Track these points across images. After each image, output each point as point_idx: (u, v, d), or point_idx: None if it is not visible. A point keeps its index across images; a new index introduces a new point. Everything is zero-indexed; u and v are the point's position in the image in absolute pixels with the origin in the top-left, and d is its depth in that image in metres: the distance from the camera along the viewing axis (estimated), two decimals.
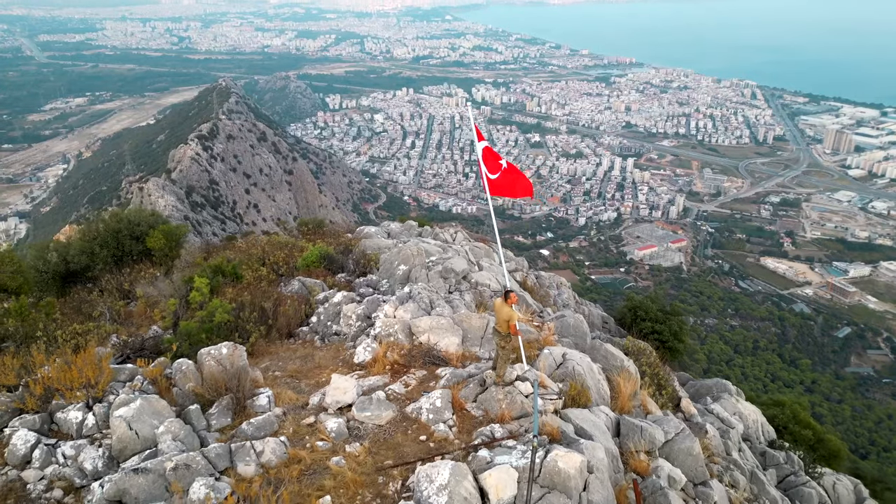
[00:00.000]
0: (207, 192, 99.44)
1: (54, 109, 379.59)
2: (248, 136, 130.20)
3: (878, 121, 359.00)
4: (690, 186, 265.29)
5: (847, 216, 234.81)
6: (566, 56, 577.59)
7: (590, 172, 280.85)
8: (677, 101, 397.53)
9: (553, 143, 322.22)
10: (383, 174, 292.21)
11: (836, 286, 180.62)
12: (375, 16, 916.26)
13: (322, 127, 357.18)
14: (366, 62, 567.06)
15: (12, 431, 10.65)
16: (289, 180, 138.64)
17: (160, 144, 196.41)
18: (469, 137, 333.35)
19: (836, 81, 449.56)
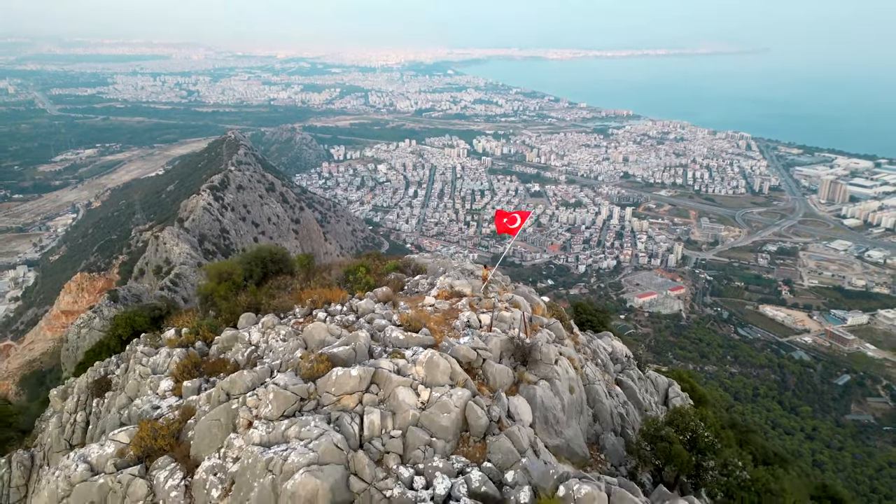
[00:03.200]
0: (218, 240, 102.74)
1: (65, 160, 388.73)
2: (258, 187, 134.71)
3: (872, 172, 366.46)
4: (688, 235, 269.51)
5: (844, 265, 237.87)
6: (565, 109, 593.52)
7: (589, 221, 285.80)
8: (674, 152, 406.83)
9: (553, 193, 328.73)
10: (386, 222, 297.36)
11: (835, 334, 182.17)
12: (379, 70, 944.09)
13: (327, 177, 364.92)
14: (370, 115, 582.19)
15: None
16: (296, 229, 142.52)
17: (169, 194, 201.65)
18: (470, 187, 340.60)
19: (829, 133, 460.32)
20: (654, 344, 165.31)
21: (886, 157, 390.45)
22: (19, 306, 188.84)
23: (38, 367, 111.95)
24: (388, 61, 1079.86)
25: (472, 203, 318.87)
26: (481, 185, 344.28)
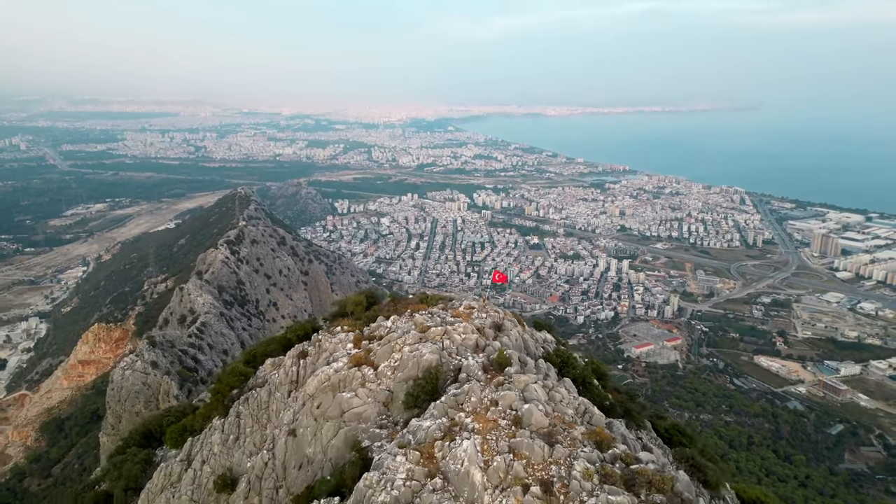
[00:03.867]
0: (235, 291, 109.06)
1: (75, 215, 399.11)
2: (270, 241, 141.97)
3: (864, 225, 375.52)
4: (684, 287, 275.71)
5: (837, 316, 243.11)
6: (562, 164, 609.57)
7: (587, 273, 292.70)
8: (670, 206, 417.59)
9: (551, 245, 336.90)
10: (389, 274, 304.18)
11: (829, 384, 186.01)
12: (382, 126, 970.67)
13: (331, 230, 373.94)
14: (373, 169, 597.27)
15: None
16: (305, 280, 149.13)
17: (181, 248, 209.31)
18: (470, 239, 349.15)
19: (821, 188, 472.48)
20: (651, 393, 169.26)
21: (877, 210, 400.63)
22: (32, 357, 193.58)
23: (56, 414, 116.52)
24: (391, 118, 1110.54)
25: (473, 255, 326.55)
26: (481, 238, 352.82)
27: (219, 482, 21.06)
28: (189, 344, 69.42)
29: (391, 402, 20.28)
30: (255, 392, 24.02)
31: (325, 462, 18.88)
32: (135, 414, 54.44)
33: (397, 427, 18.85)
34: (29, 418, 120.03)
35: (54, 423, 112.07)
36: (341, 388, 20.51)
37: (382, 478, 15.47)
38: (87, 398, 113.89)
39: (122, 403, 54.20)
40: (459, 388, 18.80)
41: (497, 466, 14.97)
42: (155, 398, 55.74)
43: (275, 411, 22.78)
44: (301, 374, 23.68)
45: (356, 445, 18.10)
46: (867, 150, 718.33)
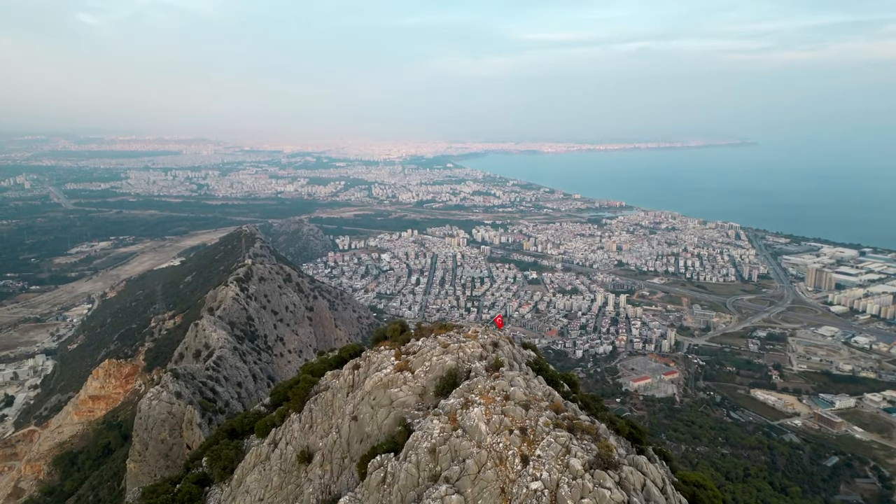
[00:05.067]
0: (245, 327, 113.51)
1: (80, 252, 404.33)
2: (276, 278, 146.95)
3: (857, 260, 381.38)
4: (681, 321, 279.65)
5: (831, 350, 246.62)
6: (560, 200, 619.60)
7: (585, 308, 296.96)
8: (666, 241, 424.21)
9: (549, 280, 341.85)
10: (390, 309, 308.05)
11: (824, 417, 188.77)
12: (382, 164, 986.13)
13: (332, 266, 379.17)
14: (373, 206, 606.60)
15: None
16: (310, 316, 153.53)
17: (188, 285, 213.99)
18: (470, 275, 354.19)
19: (815, 223, 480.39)
20: (649, 426, 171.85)
21: (870, 245, 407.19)
22: (39, 394, 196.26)
23: (69, 448, 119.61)
24: (391, 155, 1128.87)
25: (473, 290, 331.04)
26: (481, 273, 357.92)
27: (301, 456, 29.69)
28: (207, 376, 73.65)
29: (424, 394, 28.62)
30: (321, 394, 30.77)
31: (380, 436, 27.31)
32: (160, 441, 58.50)
33: (429, 409, 27.29)
34: (41, 453, 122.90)
35: (67, 457, 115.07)
36: (390, 386, 28.80)
37: (424, 434, 23.58)
38: (99, 432, 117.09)
39: (148, 431, 58.25)
40: (470, 381, 27.14)
41: (494, 421, 23.50)
42: (179, 426, 59.80)
43: (337, 406, 30.94)
44: (356, 380, 30.23)
45: (402, 422, 26.50)
46: (860, 185, 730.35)
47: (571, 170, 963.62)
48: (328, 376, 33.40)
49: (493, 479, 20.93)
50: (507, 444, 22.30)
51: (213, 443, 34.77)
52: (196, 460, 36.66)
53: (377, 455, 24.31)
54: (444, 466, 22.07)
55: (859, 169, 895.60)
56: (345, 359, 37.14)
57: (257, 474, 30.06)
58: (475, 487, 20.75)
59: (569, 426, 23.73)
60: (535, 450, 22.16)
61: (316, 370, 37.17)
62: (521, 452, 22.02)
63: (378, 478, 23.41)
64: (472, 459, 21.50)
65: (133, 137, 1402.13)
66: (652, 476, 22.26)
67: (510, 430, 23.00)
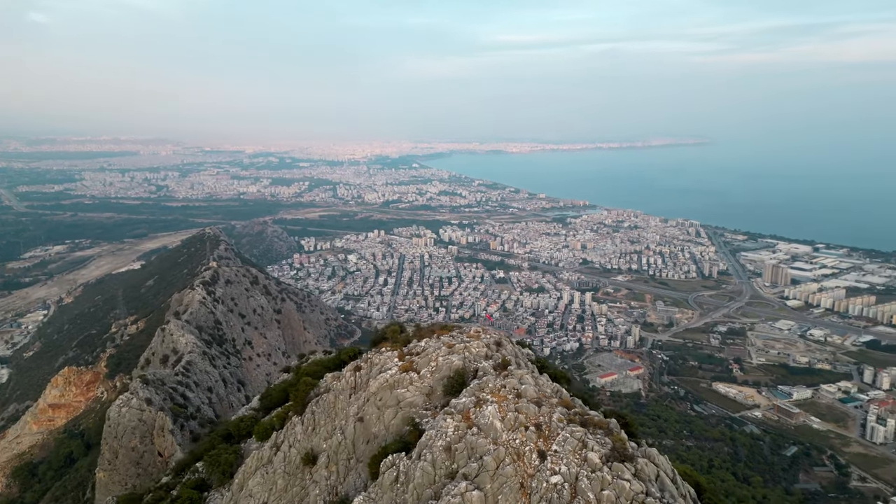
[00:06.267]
0: (213, 331, 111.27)
1: (34, 257, 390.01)
2: (243, 281, 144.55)
3: (812, 256, 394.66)
4: (645, 318, 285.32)
5: (788, 343, 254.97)
6: (525, 199, 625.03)
7: (552, 305, 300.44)
8: (629, 239, 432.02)
9: (517, 279, 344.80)
10: (357, 310, 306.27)
11: (782, 408, 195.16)
12: (347, 164, 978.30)
13: (298, 268, 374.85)
14: (338, 206, 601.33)
15: None
16: (278, 319, 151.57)
17: (149, 289, 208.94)
18: (438, 274, 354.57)
19: (771, 220, 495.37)
20: None
21: (823, 242, 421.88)
22: None
23: (28, 459, 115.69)
24: (355, 155, 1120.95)
25: (441, 290, 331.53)
26: (449, 273, 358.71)
27: (306, 458, 29.66)
28: (177, 382, 72.16)
29: (432, 394, 29.02)
30: (323, 396, 30.82)
31: (387, 436, 27.52)
32: (131, 449, 57.08)
33: (437, 408, 27.75)
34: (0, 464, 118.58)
35: (27, 468, 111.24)
36: (396, 387, 29.12)
37: (438, 432, 23.91)
38: (61, 441, 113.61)
39: (118, 439, 56.78)
40: (480, 380, 27.56)
41: (509, 418, 24.06)
42: (150, 433, 58.47)
43: (340, 408, 31.11)
44: (358, 382, 30.57)
45: (411, 422, 26.91)
46: (814, 183, 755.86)
47: (536, 169, 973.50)
48: (328, 378, 33.39)
49: (513, 474, 21.39)
50: (524, 441, 22.98)
51: (209, 448, 34.26)
52: (187, 466, 36.08)
53: (389, 455, 24.66)
54: (461, 464, 22.51)
55: (813, 168, 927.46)
56: (344, 361, 37.18)
57: (260, 478, 29.90)
58: (494, 483, 21.18)
59: (581, 421, 24.53)
60: (551, 445, 22.91)
61: (312, 373, 37.04)
62: (537, 448, 22.75)
63: (391, 477, 23.66)
64: (489, 456, 21.95)
65: (88, 138, 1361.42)
66: (663, 467, 23.07)
67: (525, 426, 23.75)
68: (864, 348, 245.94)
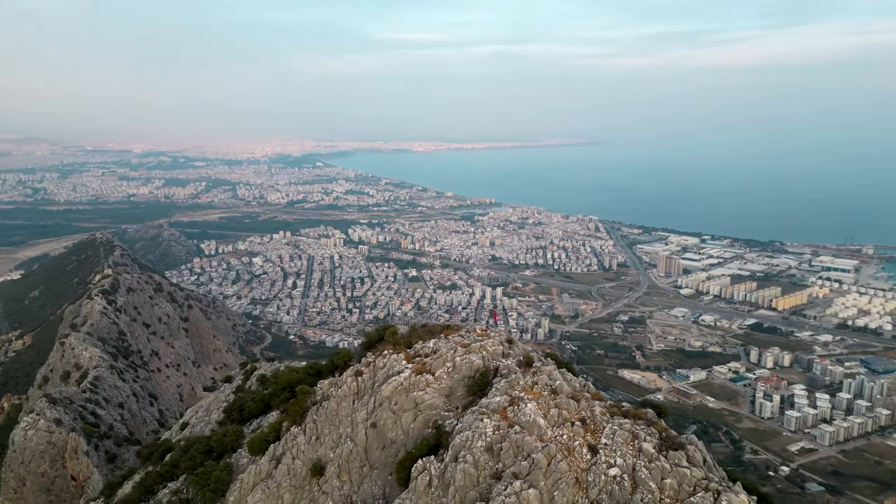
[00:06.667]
0: (118, 342, 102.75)
1: None
2: (146, 288, 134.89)
3: (699, 247, 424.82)
4: (553, 310, 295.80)
5: (683, 329, 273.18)
6: (433, 198, 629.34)
7: (465, 302, 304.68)
8: (534, 235, 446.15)
9: (429, 277, 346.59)
10: (266, 315, 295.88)
11: (681, 390, 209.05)
12: (246, 163, 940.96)
13: (199, 273, 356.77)
14: (240, 208, 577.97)
15: None
16: (185, 327, 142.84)
17: (34, 301, 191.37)
18: (349, 275, 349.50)
19: (662, 214, 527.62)
20: None
21: (709, 233, 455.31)
22: None
23: None
24: (254, 154, 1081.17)
25: (353, 291, 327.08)
26: (360, 273, 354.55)
27: (313, 469, 28.02)
28: (86, 399, 66.10)
29: (451, 395, 28.18)
30: (323, 404, 29.03)
31: (407, 440, 26.50)
32: (40, 475, 51.57)
33: (458, 409, 27.04)
34: None
35: None
36: (412, 390, 28.06)
37: (475, 433, 23.32)
38: None
39: (26, 465, 51.10)
40: (508, 378, 27.10)
41: (552, 415, 24.02)
42: (61, 456, 53.18)
43: (344, 415, 29.39)
44: (361, 387, 29.03)
45: (434, 424, 26.14)
46: (695, 179, 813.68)
47: (441, 168, 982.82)
48: (325, 385, 31.59)
49: (566, 470, 21.20)
50: (572, 436, 22.90)
51: (193, 465, 31.29)
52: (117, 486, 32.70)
53: (418, 459, 23.96)
54: (508, 463, 22.06)
55: (693, 164, 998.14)
56: (338, 366, 35.34)
57: (261, 493, 27.70)
58: (548, 480, 20.94)
59: (623, 413, 24.74)
60: (599, 438, 22.93)
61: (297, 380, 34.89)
62: (586, 442, 22.73)
63: (424, 481, 22.90)
64: (540, 453, 21.70)
65: None
66: (704, 452, 23.85)
67: (571, 421, 23.69)
68: (749, 331, 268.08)
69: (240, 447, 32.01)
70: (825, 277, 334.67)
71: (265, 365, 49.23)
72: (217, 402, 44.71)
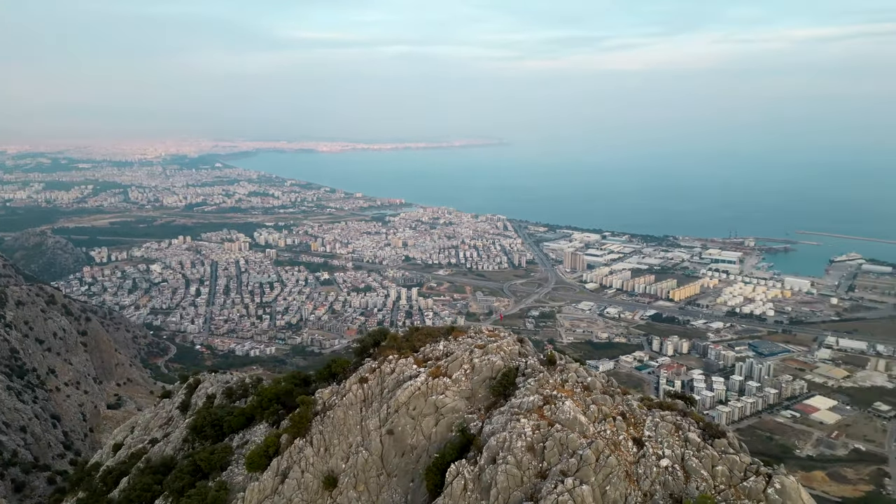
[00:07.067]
0: (10, 361, 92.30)
1: None
2: (37, 301, 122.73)
3: (601, 243, 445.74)
4: (467, 308, 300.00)
5: (590, 322, 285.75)
6: (342, 199, 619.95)
7: (380, 304, 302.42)
8: (445, 235, 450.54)
9: (342, 280, 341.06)
10: (169, 325, 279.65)
11: None
12: (137, 165, 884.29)
13: (90, 282, 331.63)
14: (132, 212, 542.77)
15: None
16: (84, 342, 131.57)
17: None
18: (257, 280, 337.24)
19: (565, 213, 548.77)
20: None
21: (609, 230, 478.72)
22: None
23: None
24: (147, 155, 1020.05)
25: (262, 296, 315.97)
26: (269, 278, 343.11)
27: (325, 482, 26.86)
28: None
29: (472, 397, 27.44)
30: (328, 414, 27.47)
31: (429, 445, 25.81)
32: None
33: (481, 411, 26.49)
34: None
35: None
36: (430, 394, 27.17)
37: (512, 432, 23.10)
38: None
39: None
40: (536, 377, 26.89)
41: (592, 411, 24.07)
42: None
43: (353, 424, 28.12)
44: (368, 394, 27.66)
45: (459, 427, 25.62)
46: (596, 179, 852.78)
47: (349, 168, 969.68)
48: (325, 394, 29.96)
49: (616, 464, 21.12)
50: (615, 430, 22.92)
51: (181, 487, 28.41)
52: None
53: (451, 463, 23.45)
54: (554, 461, 21.84)
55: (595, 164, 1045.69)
56: (336, 374, 33.45)
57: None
58: (598, 475, 20.82)
59: (659, 405, 25.05)
60: (642, 431, 23.11)
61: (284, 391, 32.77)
62: (630, 436, 22.81)
63: (459, 486, 22.17)
64: (588, 449, 21.53)
65: None
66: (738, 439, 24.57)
67: (612, 416, 23.69)
68: (650, 321, 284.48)
69: (229, 464, 29.91)
70: (714, 269, 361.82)
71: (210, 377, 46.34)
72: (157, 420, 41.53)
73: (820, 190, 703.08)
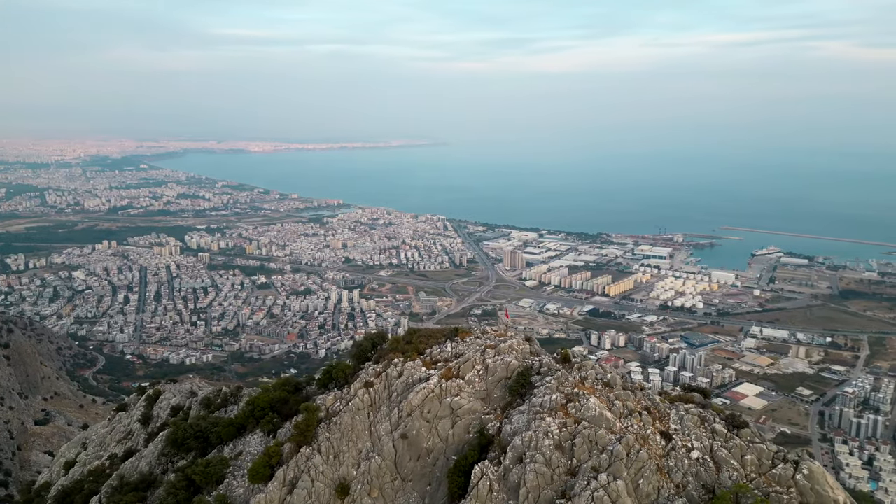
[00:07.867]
0: None
1: None
2: None
3: (539, 241, 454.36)
4: (411, 309, 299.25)
5: (531, 318, 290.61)
6: (277, 200, 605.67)
7: (321, 307, 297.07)
8: (386, 235, 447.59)
9: (280, 283, 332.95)
10: (96, 335, 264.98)
11: None
12: (54, 166, 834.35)
13: (7, 291, 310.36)
14: (51, 216, 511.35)
15: None
16: (6, 355, 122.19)
17: None
18: (190, 285, 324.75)
19: (503, 212, 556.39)
20: None
21: (546, 228, 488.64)
22: None
23: None
24: (65, 156, 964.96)
25: (196, 302, 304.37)
26: (203, 283, 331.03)
27: (338, 490, 26.08)
28: None
29: (487, 398, 27.22)
30: (335, 420, 26.33)
31: (445, 448, 25.52)
32: None
33: (497, 412, 26.30)
34: None
35: None
36: (444, 396, 26.79)
37: (537, 432, 23.04)
38: None
39: None
40: (552, 376, 26.73)
41: (617, 407, 24.21)
42: None
43: (361, 429, 27.45)
44: (375, 399, 26.92)
45: (478, 428, 25.35)
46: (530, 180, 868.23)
47: (283, 169, 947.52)
48: (329, 401, 28.71)
49: (647, 458, 21.22)
50: (642, 425, 23.06)
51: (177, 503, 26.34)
52: None
53: (474, 464, 23.07)
54: (584, 458, 21.76)
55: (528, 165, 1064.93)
56: (337, 379, 32.21)
57: None
58: (630, 470, 20.89)
59: (679, 398, 25.42)
60: (668, 425, 23.34)
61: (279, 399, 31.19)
62: (657, 430, 23.02)
63: (486, 486, 21.82)
64: (618, 445, 21.54)
65: None
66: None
67: (637, 412, 23.83)
68: (588, 316, 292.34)
69: (224, 477, 28.29)
70: (646, 264, 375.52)
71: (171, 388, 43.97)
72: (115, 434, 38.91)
73: (743, 187, 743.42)
